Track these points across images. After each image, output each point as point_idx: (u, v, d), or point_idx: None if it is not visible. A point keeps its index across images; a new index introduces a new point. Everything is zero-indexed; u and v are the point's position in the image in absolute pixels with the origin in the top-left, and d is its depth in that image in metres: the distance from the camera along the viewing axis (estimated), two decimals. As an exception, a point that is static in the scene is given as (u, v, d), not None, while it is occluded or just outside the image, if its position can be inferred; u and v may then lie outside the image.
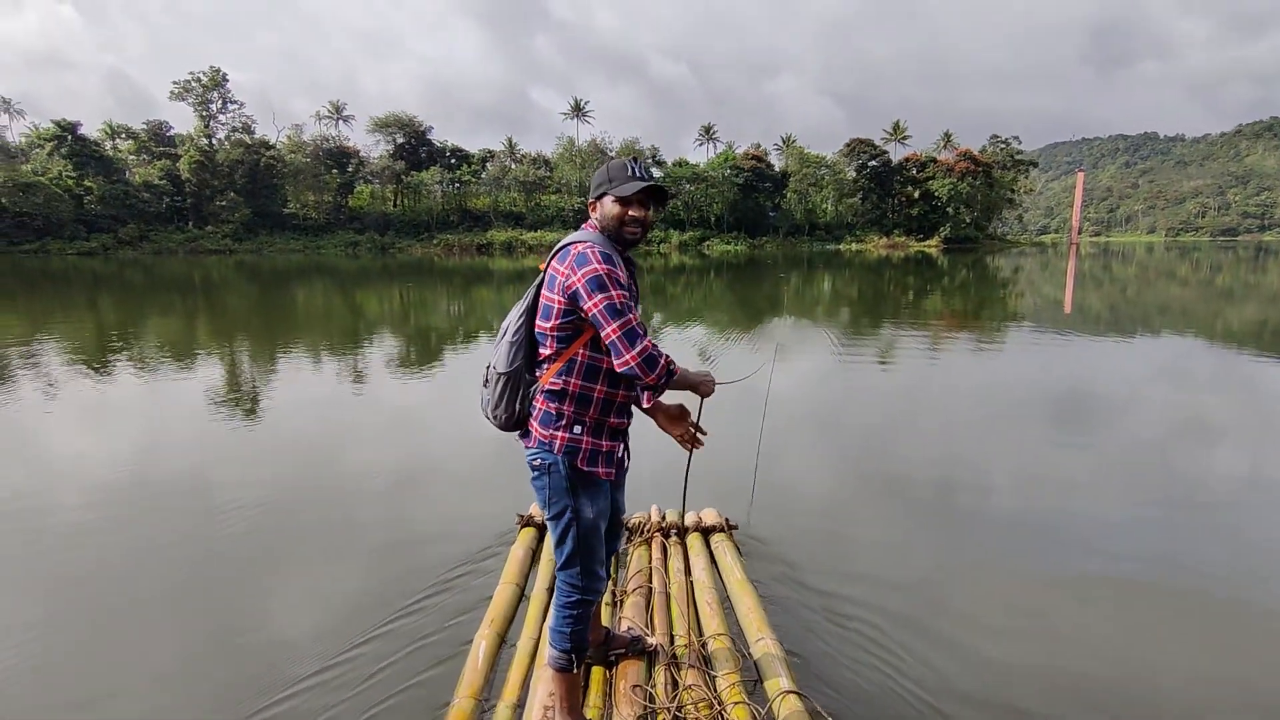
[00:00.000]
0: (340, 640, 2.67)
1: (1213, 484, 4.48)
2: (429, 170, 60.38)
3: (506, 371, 1.92)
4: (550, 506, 1.95)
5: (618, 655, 2.40)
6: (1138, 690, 2.48)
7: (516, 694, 2.27)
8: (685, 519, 3.48)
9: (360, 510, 4.05)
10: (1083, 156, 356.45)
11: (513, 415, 1.94)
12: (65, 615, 2.96)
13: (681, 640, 2.52)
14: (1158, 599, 3.09)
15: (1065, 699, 2.41)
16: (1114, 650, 2.69)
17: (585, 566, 1.98)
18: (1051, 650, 2.71)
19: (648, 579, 2.93)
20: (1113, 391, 7.11)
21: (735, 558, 3.18)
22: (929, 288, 21.73)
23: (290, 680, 2.44)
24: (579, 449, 1.90)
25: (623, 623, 2.61)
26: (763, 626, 2.58)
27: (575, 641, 2.03)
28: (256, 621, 2.91)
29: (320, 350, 9.85)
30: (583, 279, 1.77)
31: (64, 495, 4.29)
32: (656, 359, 1.79)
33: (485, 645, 2.49)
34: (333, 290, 21.28)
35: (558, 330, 1.86)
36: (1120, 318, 13.98)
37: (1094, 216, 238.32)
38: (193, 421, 5.95)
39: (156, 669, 2.61)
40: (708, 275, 28.25)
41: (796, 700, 2.16)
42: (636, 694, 2.19)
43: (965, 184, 63.96)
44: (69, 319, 13.45)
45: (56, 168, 49.90)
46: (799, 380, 7.50)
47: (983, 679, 2.51)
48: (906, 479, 4.56)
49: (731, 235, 62.88)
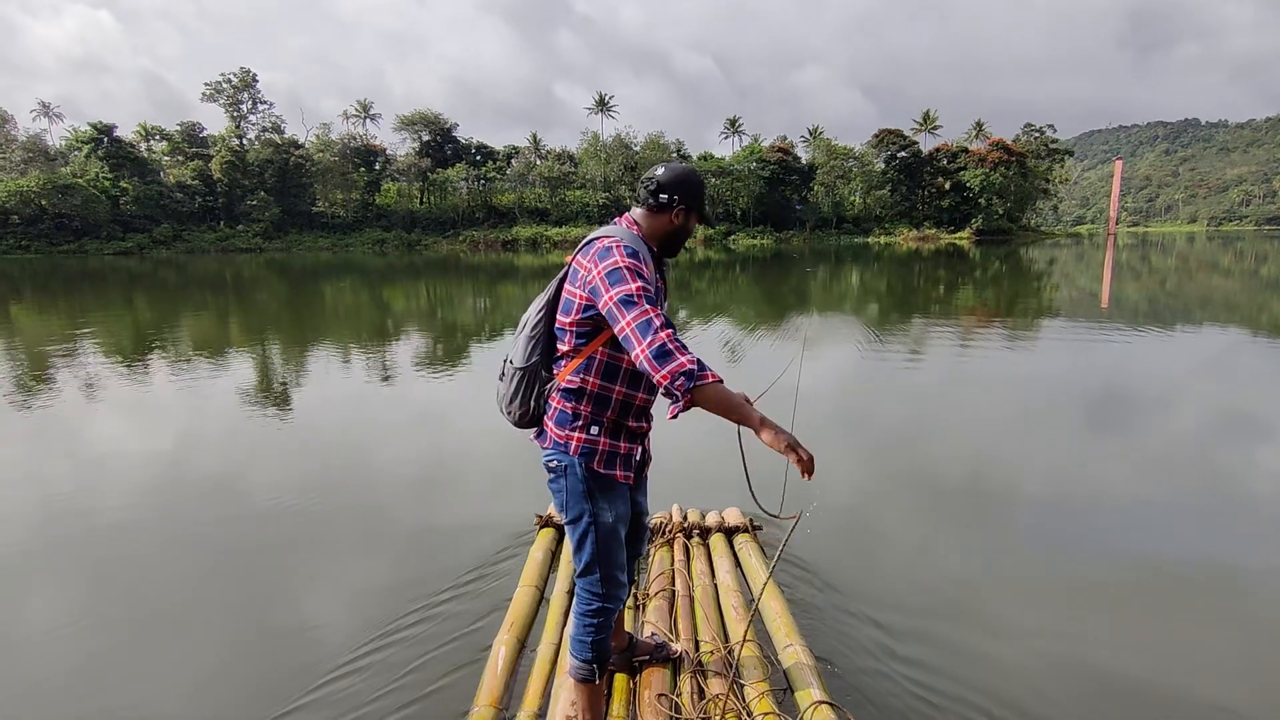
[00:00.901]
0: (353, 646, 2.60)
1: (1253, 483, 4.30)
2: (454, 167, 60.84)
3: (523, 367, 1.85)
4: (568, 510, 1.86)
5: (642, 662, 2.31)
6: (1175, 695, 2.40)
7: (537, 703, 2.18)
8: (707, 518, 3.38)
9: (372, 511, 3.99)
10: (1120, 144, 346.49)
11: (528, 412, 1.87)
12: (94, 605, 3.01)
13: (707, 646, 2.43)
14: (1198, 602, 2.98)
15: (1104, 708, 2.32)
16: (1152, 656, 2.61)
17: (605, 573, 1.89)
18: (1090, 658, 2.58)
19: (670, 581, 2.86)
20: (1150, 388, 6.90)
21: (760, 560, 3.08)
22: (960, 281, 21.24)
23: (304, 688, 2.38)
24: (596, 451, 1.81)
25: (646, 627, 2.53)
26: (791, 633, 2.47)
27: (597, 651, 1.93)
28: (270, 625, 2.87)
29: (348, 347, 9.91)
30: (602, 272, 1.69)
31: (101, 490, 4.35)
32: (671, 354, 1.57)
33: (505, 651, 2.40)
34: (360, 287, 21.54)
35: (577, 326, 1.78)
36: (1160, 311, 13.50)
37: (1132, 206, 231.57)
38: (222, 418, 6.01)
39: (169, 671, 2.58)
40: (734, 270, 28.01)
41: (830, 712, 2.05)
42: (662, 703, 2.11)
43: (998, 174, 62.45)
44: (108, 317, 13.73)
45: (94, 169, 51.36)
46: (827, 377, 7.37)
47: (1018, 686, 2.42)
48: (937, 478, 4.44)
49: (757, 229, 62.31)
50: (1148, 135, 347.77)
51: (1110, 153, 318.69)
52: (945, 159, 67.17)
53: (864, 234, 64.59)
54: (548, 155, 65.89)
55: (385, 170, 62.34)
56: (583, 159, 63.91)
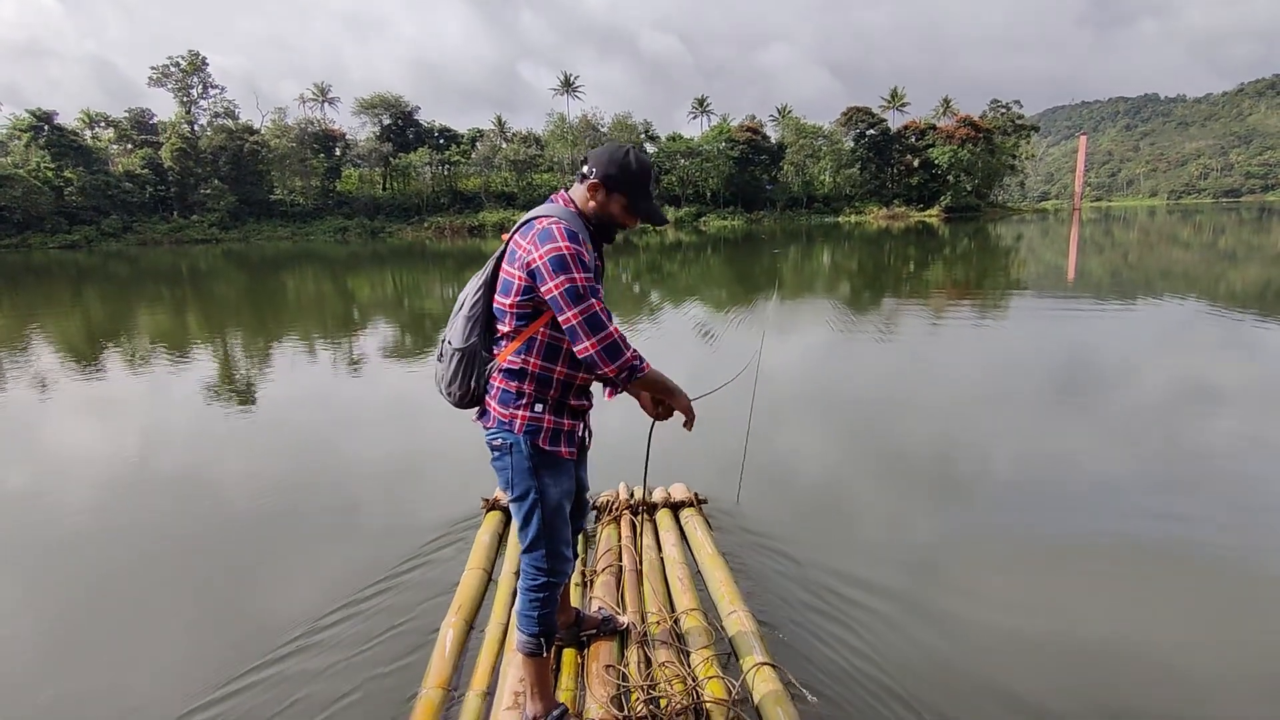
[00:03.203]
0: (295, 632, 2.61)
1: (1217, 449, 4.37)
2: (417, 151, 59.15)
3: (462, 348, 1.84)
4: (513, 488, 1.87)
5: (589, 636, 2.38)
6: (1128, 655, 2.42)
7: (486, 682, 2.23)
8: (654, 495, 3.46)
9: (315, 500, 4.00)
10: (1083, 120, 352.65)
11: (468, 393, 1.88)
12: (51, 589, 3.11)
13: (654, 618, 2.51)
14: (1160, 569, 3.01)
15: (1046, 668, 2.36)
16: (1106, 619, 2.64)
17: (551, 549, 1.92)
18: (1049, 625, 2.61)
19: (617, 557, 2.93)
20: (1115, 359, 6.93)
21: (706, 532, 3.17)
22: (930, 258, 21.36)
23: (246, 672, 2.39)
24: (540, 428, 1.83)
25: (593, 603, 2.60)
26: (735, 600, 2.57)
27: (544, 625, 1.96)
28: (216, 606, 2.92)
29: (310, 338, 9.75)
30: (544, 256, 1.67)
31: (58, 482, 4.40)
32: (620, 349, 1.70)
33: (453, 634, 2.45)
34: (322, 277, 20.93)
35: (518, 308, 1.78)
36: (1123, 284, 13.65)
37: (1095, 181, 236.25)
38: (177, 411, 6.05)
39: (119, 647, 2.66)
40: (704, 252, 27.71)
41: (770, 672, 2.16)
42: (609, 674, 2.18)
43: (966, 151, 62.71)
44: (56, 314, 12.95)
45: (35, 159, 48.70)
46: (791, 357, 7.34)
47: (959, 647, 2.48)
48: (902, 452, 4.49)
49: (728, 210, 61.90)
50: (1109, 110, 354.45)
51: (1074, 128, 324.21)
52: (914, 136, 67.26)
53: (835, 213, 64.59)
54: (513, 138, 64.46)
55: (345, 156, 60.38)
56: (549, 141, 62.63)
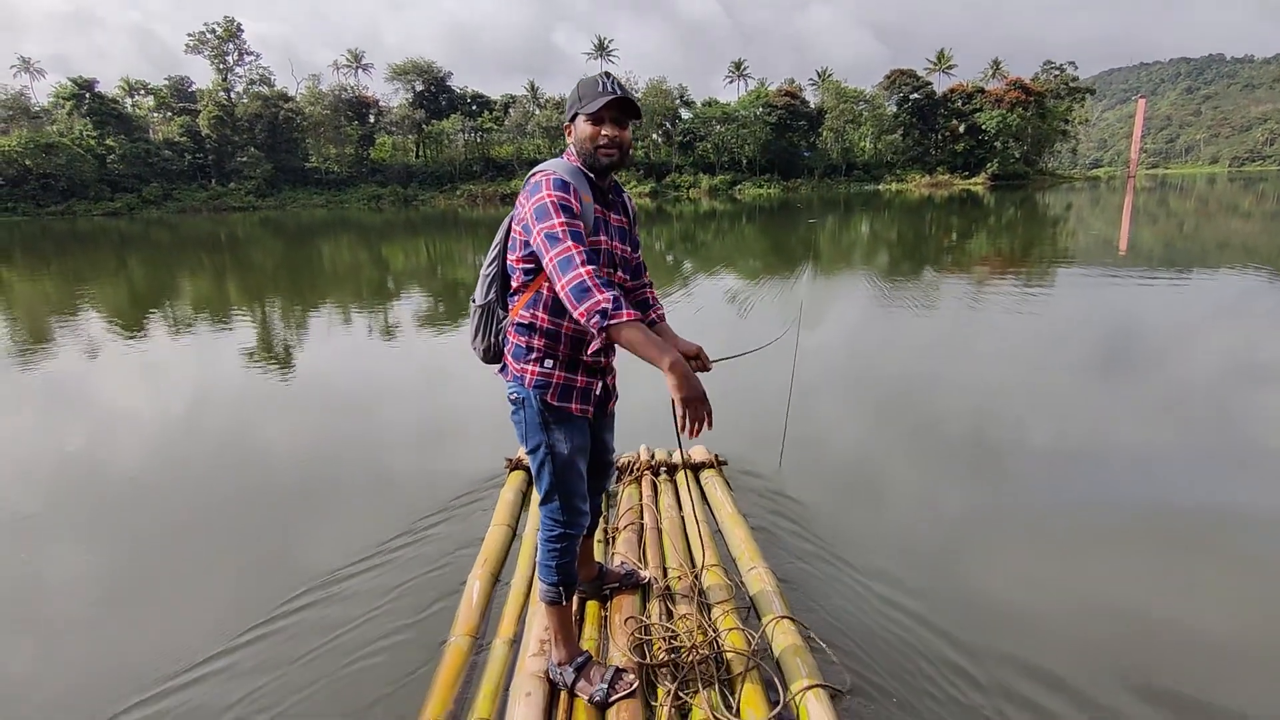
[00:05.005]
0: (326, 578, 2.70)
1: (1269, 429, 4.14)
2: (450, 118, 59.05)
3: (482, 304, 1.95)
4: (527, 441, 1.91)
5: (611, 589, 2.43)
6: (1158, 632, 2.36)
7: (513, 630, 2.28)
8: (674, 456, 3.51)
9: (342, 456, 4.14)
10: (1140, 83, 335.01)
11: (490, 347, 1.97)
12: (99, 537, 3.28)
13: (675, 573, 2.55)
14: (1202, 547, 2.90)
15: (1071, 638, 2.31)
16: (1138, 596, 2.58)
17: (564, 501, 1.94)
18: (1059, 592, 2.60)
19: (639, 516, 2.97)
20: (1164, 334, 6.66)
21: (726, 492, 3.20)
22: (973, 228, 20.59)
23: (280, 615, 2.49)
24: (550, 384, 1.85)
25: (615, 558, 2.64)
26: (755, 557, 2.60)
27: (563, 575, 1.99)
28: (256, 555, 3.02)
29: (346, 305, 9.91)
30: (531, 208, 1.71)
31: (108, 444, 4.51)
32: (589, 291, 1.59)
33: (479, 585, 2.51)
34: (357, 245, 21.16)
35: (523, 263, 1.82)
36: (1176, 255, 13.00)
37: (1151, 147, 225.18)
38: (221, 375, 6.16)
39: (157, 590, 2.81)
40: (739, 221, 27.27)
41: (790, 625, 2.17)
42: (631, 625, 2.21)
43: (1015, 115, 60.13)
44: (103, 280, 13.39)
45: (78, 127, 49.92)
46: (827, 330, 7.20)
47: (982, 610, 2.48)
48: (930, 426, 4.42)
49: (764, 178, 60.67)
50: (1170, 72, 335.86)
51: (1130, 92, 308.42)
52: (960, 100, 64.62)
53: (874, 181, 62.78)
54: (546, 104, 63.75)
55: (379, 123, 60.60)
56: (583, 107, 61.76)
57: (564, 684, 1.96)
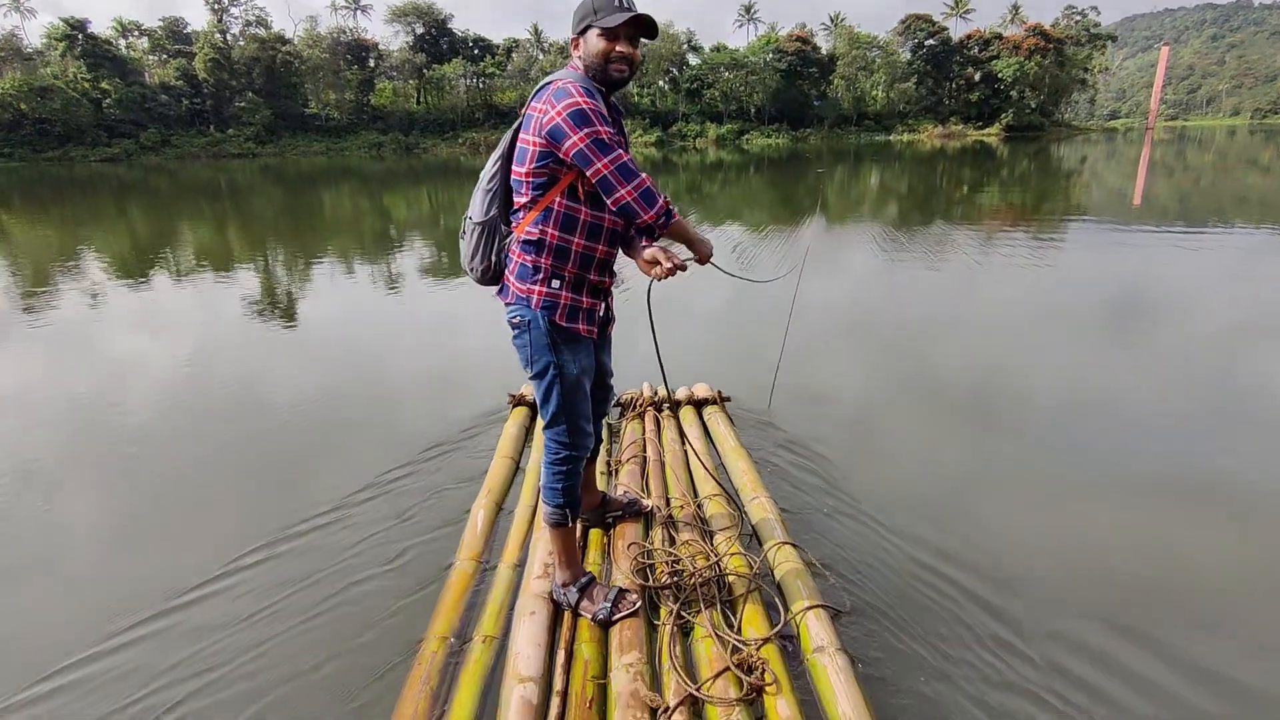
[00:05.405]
0: (329, 505, 2.76)
1: (1270, 390, 4.03)
2: (451, 63, 57.44)
3: (482, 221, 1.88)
4: (532, 364, 1.88)
5: (614, 518, 2.44)
6: (1158, 580, 2.32)
7: (516, 555, 2.32)
8: (678, 393, 3.52)
9: (346, 394, 4.23)
10: (1164, 30, 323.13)
11: (489, 267, 1.90)
12: (120, 474, 3.32)
13: (677, 502, 2.57)
14: (1203, 506, 2.80)
15: (1066, 573, 2.32)
16: (1135, 547, 2.53)
17: (571, 423, 1.93)
18: (1033, 511, 2.73)
19: (641, 449, 2.98)
20: (1173, 291, 6.47)
21: (729, 427, 3.23)
22: (985, 181, 20.13)
23: (291, 535, 2.57)
24: (557, 304, 1.82)
25: (618, 489, 2.64)
26: (757, 487, 2.62)
27: (568, 496, 1.99)
28: (264, 486, 3.11)
29: (348, 254, 9.83)
30: (564, 112, 1.63)
31: (116, 385, 4.53)
32: (655, 195, 1.68)
33: (484, 514, 2.55)
34: (359, 194, 20.91)
35: (534, 175, 1.75)
36: (1191, 210, 12.66)
37: (1171, 98, 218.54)
38: (227, 318, 6.17)
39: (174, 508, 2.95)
40: (746, 172, 26.72)
41: (791, 550, 2.20)
42: (634, 550, 2.24)
43: (1033, 63, 58.20)
44: (104, 229, 13.26)
45: (72, 70, 48.69)
46: (832, 281, 7.13)
47: (972, 533, 2.53)
48: (933, 376, 4.42)
49: (772, 127, 59.23)
50: (1195, 19, 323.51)
51: (1153, 39, 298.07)
52: (976, 47, 62.46)
53: (885, 131, 61.28)
54: (550, 49, 61.85)
55: (378, 68, 58.99)
56: (587, 52, 59.97)
57: (568, 604, 2.00)
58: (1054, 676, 1.85)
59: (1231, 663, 1.91)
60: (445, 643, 1.91)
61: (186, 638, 2.06)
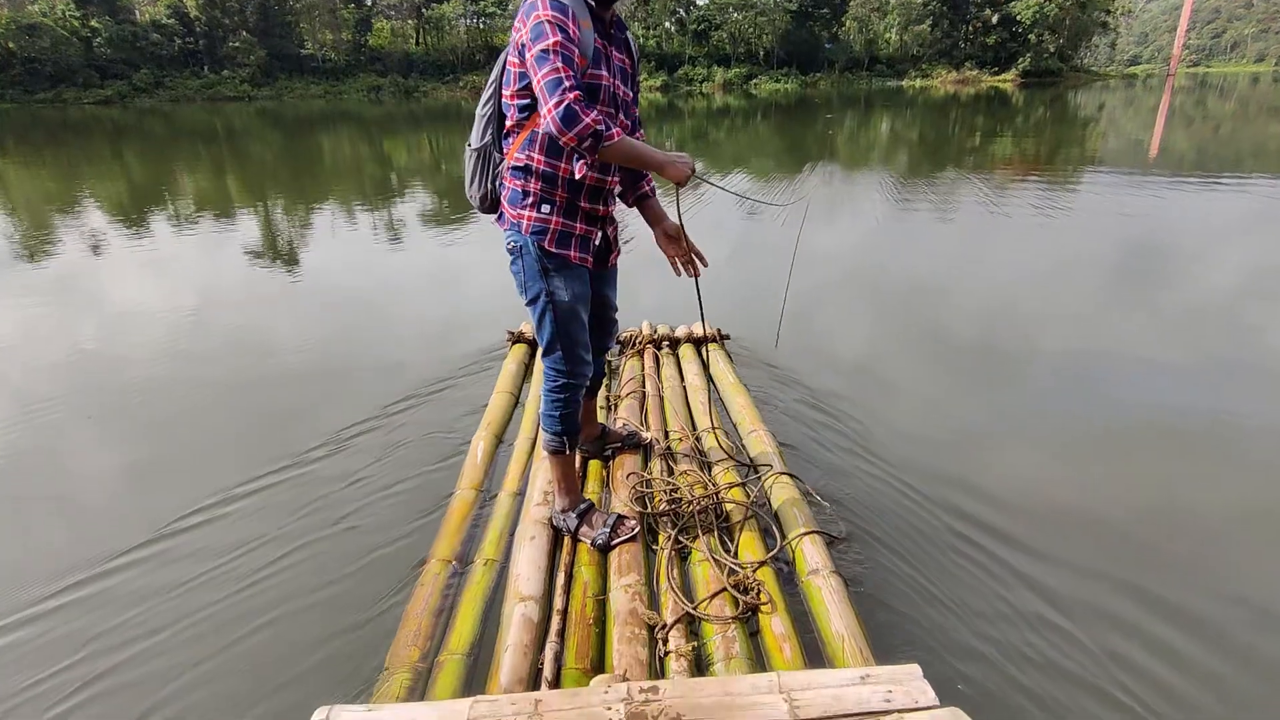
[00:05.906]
0: (325, 439, 2.81)
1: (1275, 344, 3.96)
2: (450, 2, 55.41)
3: (478, 147, 1.86)
4: (526, 291, 1.88)
5: (614, 449, 2.47)
6: (1158, 533, 2.27)
7: (516, 484, 2.36)
8: (677, 331, 3.52)
9: (347, 332, 4.27)
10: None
11: (486, 194, 1.89)
12: (127, 417, 3.27)
13: (676, 435, 2.60)
14: (1203, 455, 2.77)
15: (1077, 534, 2.23)
16: (1138, 499, 2.45)
17: (567, 351, 1.93)
18: (1027, 447, 2.76)
19: (640, 385, 3.01)
20: (1187, 244, 6.30)
21: (728, 364, 3.27)
22: (999, 129, 19.55)
23: (298, 463, 2.63)
24: (547, 229, 1.80)
25: (618, 422, 2.67)
26: (755, 421, 2.66)
27: (566, 424, 2.00)
28: (269, 420, 3.15)
29: (349, 201, 9.70)
30: (528, 29, 1.59)
31: (119, 331, 4.47)
32: (578, 116, 1.54)
33: (483, 445, 2.60)
34: (359, 139, 20.47)
35: (517, 97, 1.72)
36: (1209, 160, 12.35)
37: (1194, 44, 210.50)
38: (227, 270, 6.02)
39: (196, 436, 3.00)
40: (753, 118, 26.04)
41: (788, 480, 2.24)
42: (632, 480, 2.26)
43: (1053, 4, 55.84)
44: (100, 174, 13.01)
45: (60, 7, 47.10)
46: (838, 230, 7.00)
47: (967, 468, 2.56)
48: (935, 316, 4.42)
49: (781, 72, 57.40)
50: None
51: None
52: (996, -13, 59.85)
53: (898, 76, 59.35)
54: (552, -13, 59.46)
55: (376, 5, 56.97)
56: (591, -9, 57.74)
57: (567, 529, 2.04)
58: (1043, 604, 1.89)
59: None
60: (447, 565, 1.95)
61: (188, 560, 2.12)
